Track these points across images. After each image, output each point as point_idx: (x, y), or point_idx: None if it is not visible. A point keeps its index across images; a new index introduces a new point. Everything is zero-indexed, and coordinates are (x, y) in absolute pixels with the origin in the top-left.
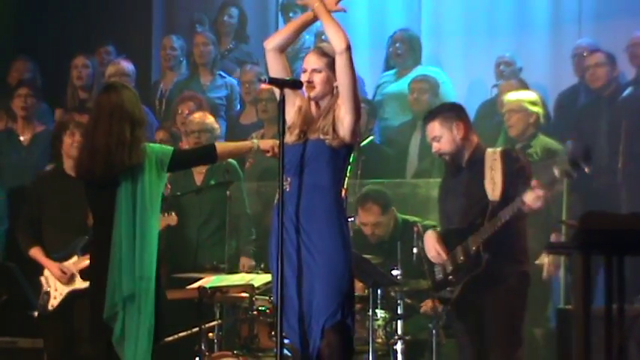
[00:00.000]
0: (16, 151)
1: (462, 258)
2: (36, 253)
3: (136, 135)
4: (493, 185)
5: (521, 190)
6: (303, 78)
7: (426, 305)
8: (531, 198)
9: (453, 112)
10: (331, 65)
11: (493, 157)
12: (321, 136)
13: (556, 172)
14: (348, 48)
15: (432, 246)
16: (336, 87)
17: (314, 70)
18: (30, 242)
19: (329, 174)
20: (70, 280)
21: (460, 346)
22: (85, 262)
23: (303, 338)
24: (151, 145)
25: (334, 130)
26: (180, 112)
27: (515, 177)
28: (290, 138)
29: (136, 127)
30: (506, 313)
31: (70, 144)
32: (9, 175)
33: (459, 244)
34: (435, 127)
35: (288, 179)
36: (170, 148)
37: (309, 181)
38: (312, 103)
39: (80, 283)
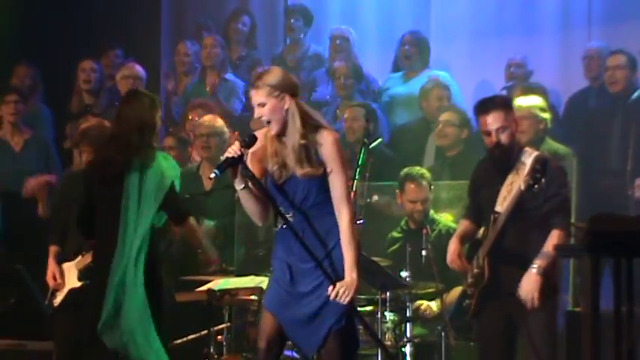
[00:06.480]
0: (9, 158)
1: (475, 270)
2: (50, 252)
3: (145, 139)
4: (507, 194)
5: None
6: (256, 114)
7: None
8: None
9: (510, 106)
10: (272, 92)
11: (526, 159)
12: (309, 170)
13: None
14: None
15: (453, 254)
16: (287, 110)
17: (259, 105)
18: (50, 241)
19: (326, 197)
20: (59, 286)
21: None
22: (86, 261)
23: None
24: (165, 156)
25: (316, 159)
26: (190, 118)
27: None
28: (275, 177)
29: (145, 132)
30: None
31: (79, 163)
32: (2, 181)
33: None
34: (500, 117)
35: (290, 212)
36: (169, 182)
37: (311, 210)
38: (277, 140)
39: (77, 282)
